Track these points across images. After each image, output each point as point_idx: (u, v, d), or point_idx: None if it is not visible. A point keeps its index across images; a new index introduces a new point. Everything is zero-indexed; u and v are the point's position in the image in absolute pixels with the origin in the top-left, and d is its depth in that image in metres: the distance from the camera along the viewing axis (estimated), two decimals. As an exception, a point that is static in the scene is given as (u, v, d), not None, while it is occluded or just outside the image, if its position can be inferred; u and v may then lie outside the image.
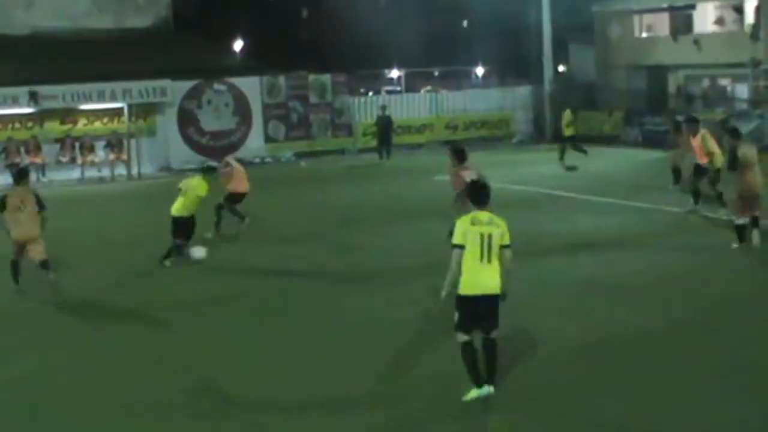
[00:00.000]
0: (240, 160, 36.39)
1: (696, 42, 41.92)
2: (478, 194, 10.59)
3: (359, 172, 33.21)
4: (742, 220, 17.25)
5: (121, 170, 35.11)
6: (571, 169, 31.04)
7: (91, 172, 34.86)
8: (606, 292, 14.64)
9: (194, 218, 18.27)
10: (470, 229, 10.11)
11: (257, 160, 37.32)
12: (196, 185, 18.15)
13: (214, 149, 36.92)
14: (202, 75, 37.15)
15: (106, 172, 35.04)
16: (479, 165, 17.12)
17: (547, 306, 13.94)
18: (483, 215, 10.24)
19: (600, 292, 14.69)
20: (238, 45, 59.27)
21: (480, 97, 43.16)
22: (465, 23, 66.43)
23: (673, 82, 42.77)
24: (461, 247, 10.11)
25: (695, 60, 41.75)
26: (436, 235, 16.76)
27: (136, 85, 35.14)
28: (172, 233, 18.10)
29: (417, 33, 58.01)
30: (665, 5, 43.95)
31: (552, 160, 32.65)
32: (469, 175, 16.29)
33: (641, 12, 45.56)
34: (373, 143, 37.95)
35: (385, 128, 36.98)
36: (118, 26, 40.26)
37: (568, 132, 33.25)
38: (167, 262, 17.99)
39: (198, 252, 17.87)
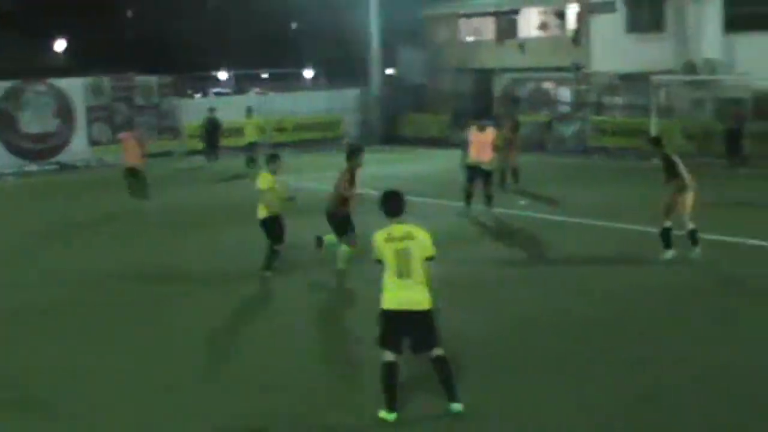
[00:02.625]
0: (63, 164, 35.69)
1: (521, 46, 42.83)
2: (387, 204, 9.71)
3: (186, 175, 32.54)
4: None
5: (-69, 176, 33.62)
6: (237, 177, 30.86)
7: None
8: (450, 291, 14.56)
9: (279, 217, 16.20)
10: (384, 246, 9.45)
11: (80, 163, 36.30)
12: (258, 181, 16.17)
13: (35, 152, 35.75)
14: (21, 75, 35.81)
15: None
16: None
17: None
18: (398, 229, 9.52)
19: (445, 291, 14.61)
20: (60, 45, 57.59)
21: (308, 99, 43.13)
22: (294, 26, 66.29)
23: (498, 86, 43.57)
24: (380, 262, 9.52)
25: (520, 64, 42.65)
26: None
27: (-53, 86, 33.72)
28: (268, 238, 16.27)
29: (246, 35, 57.61)
30: (491, 10, 44.77)
31: (378, 162, 32.63)
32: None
33: (467, 16, 46.31)
34: (201, 146, 37.37)
35: (212, 130, 36.41)
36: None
37: (251, 138, 33.98)
38: (268, 273, 16.13)
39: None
